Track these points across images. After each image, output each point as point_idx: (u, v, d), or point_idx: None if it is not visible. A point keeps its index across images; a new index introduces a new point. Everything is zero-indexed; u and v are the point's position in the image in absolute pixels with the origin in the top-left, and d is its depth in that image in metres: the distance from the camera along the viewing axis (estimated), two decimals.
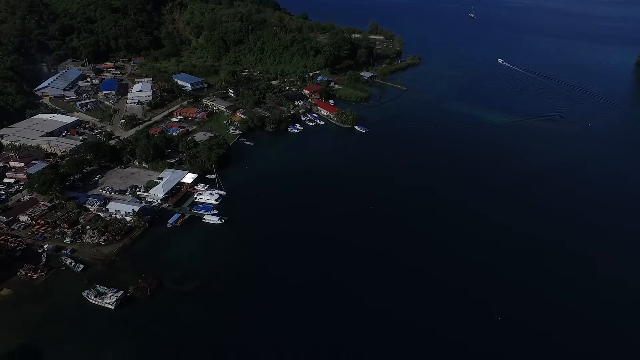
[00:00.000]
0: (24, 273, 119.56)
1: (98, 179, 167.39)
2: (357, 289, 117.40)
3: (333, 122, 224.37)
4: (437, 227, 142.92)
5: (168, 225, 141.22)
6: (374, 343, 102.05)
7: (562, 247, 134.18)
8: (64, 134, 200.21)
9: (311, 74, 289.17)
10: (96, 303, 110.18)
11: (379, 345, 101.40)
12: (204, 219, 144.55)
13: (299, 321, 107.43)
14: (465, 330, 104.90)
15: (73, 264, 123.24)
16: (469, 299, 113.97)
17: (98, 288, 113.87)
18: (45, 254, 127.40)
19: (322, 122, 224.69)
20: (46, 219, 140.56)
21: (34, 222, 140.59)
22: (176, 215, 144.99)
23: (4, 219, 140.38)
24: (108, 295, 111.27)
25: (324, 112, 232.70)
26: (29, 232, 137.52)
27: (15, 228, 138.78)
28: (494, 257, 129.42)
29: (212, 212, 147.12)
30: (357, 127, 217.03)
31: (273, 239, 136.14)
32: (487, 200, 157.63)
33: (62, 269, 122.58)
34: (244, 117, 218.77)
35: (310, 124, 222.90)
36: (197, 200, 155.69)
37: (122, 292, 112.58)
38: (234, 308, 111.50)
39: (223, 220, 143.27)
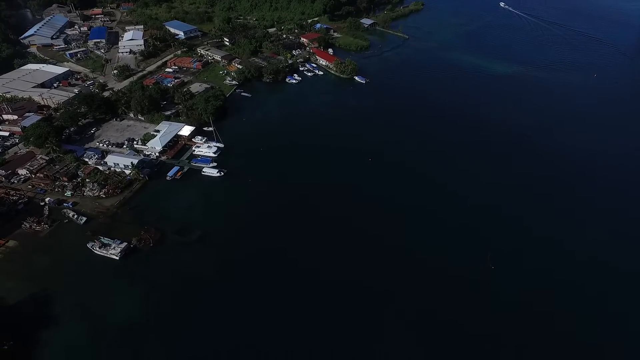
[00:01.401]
0: (28, 225, 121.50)
1: (94, 132, 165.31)
2: (356, 238, 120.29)
3: (332, 72, 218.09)
4: (433, 176, 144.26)
5: (167, 178, 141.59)
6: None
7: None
8: (55, 85, 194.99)
9: (309, 21, 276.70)
10: (101, 254, 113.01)
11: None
12: (203, 171, 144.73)
13: (299, 270, 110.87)
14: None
15: (75, 216, 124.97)
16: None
17: (102, 240, 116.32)
18: (47, 207, 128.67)
19: (320, 73, 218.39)
20: (45, 172, 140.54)
21: (33, 176, 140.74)
22: (175, 168, 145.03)
23: (2, 172, 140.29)
24: (112, 247, 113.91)
25: (322, 62, 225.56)
26: (29, 185, 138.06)
27: (15, 181, 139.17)
28: (489, 196, 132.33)
29: (211, 165, 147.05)
30: (356, 78, 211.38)
31: (272, 191, 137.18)
32: (484, 147, 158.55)
33: (65, 221, 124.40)
34: (240, 67, 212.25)
35: (309, 74, 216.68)
36: (195, 153, 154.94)
37: (126, 243, 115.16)
38: (235, 258, 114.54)
39: (222, 173, 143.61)
